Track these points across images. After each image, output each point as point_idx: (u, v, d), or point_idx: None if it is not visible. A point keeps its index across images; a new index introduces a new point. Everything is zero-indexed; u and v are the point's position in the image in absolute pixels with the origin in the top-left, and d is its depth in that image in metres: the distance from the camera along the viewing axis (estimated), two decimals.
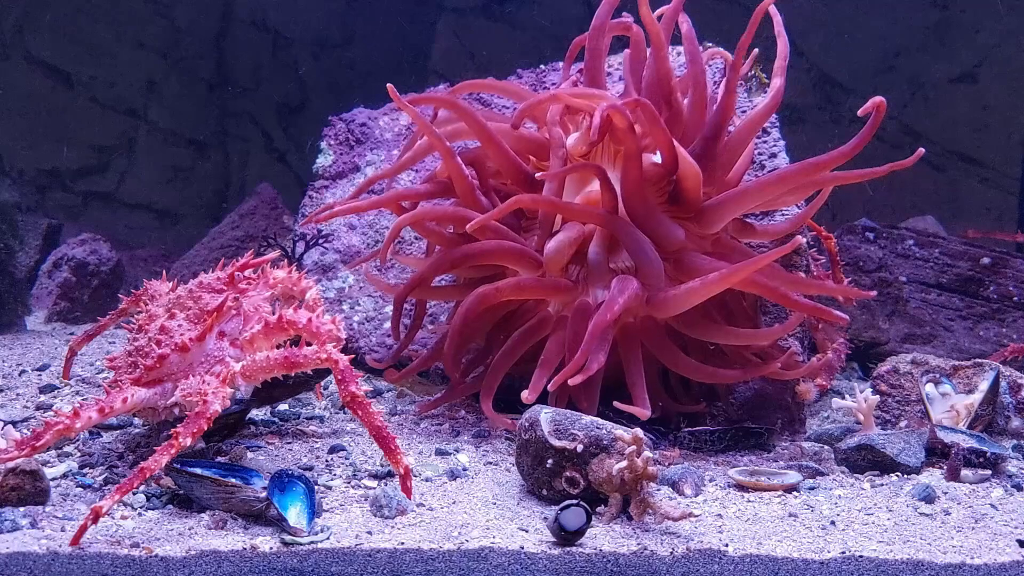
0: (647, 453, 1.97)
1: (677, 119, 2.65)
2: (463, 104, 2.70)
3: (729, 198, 2.56)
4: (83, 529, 1.73)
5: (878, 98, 2.39)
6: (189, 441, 1.85)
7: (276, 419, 2.66)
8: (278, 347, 2.12)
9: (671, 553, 1.82)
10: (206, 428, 1.90)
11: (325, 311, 2.20)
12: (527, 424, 2.13)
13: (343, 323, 2.14)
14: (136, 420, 2.47)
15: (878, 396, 2.87)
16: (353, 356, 2.11)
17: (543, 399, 2.47)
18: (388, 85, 2.58)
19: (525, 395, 2.39)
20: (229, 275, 2.25)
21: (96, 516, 1.73)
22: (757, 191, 2.56)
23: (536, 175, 2.64)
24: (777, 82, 2.58)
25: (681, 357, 2.59)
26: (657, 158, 2.62)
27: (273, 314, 2.19)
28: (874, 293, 2.59)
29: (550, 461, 2.08)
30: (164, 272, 2.59)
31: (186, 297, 2.20)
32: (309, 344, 2.07)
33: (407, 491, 1.97)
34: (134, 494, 2.03)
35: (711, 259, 2.56)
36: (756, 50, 2.89)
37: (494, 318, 2.78)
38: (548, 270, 2.66)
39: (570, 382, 2.36)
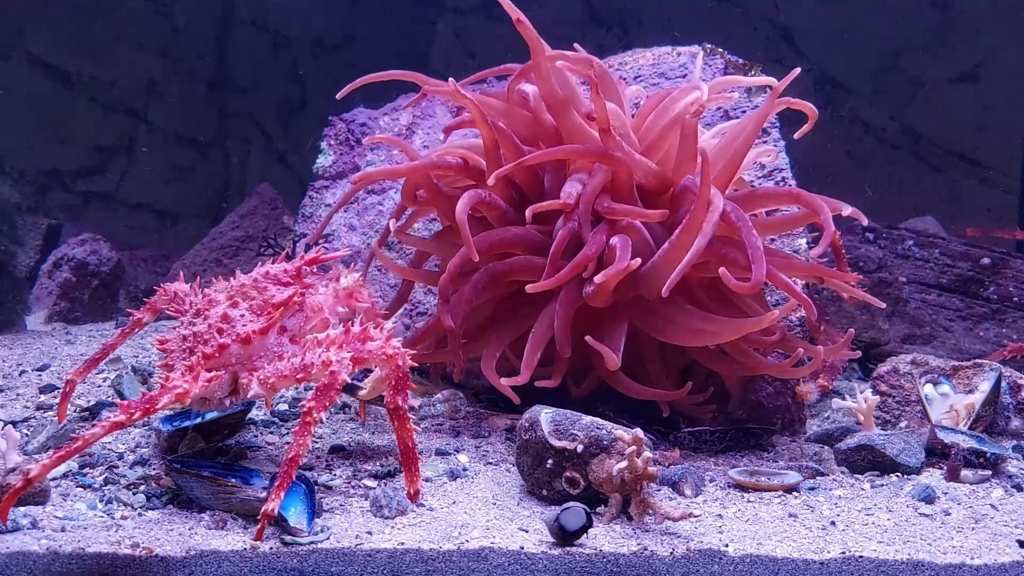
0: (647, 453, 1.97)
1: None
2: (471, 97, 2.71)
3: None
4: (261, 531, 1.80)
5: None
6: (323, 416, 1.88)
7: (276, 419, 2.66)
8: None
9: (671, 553, 1.82)
10: (336, 399, 1.93)
11: (391, 335, 2.09)
12: (527, 424, 2.13)
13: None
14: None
15: (878, 396, 2.87)
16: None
17: (548, 398, 2.47)
18: (450, 80, 2.75)
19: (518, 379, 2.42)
20: (297, 268, 2.18)
21: (268, 517, 1.79)
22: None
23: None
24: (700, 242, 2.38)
25: (668, 324, 2.54)
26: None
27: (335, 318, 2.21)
28: (883, 305, 2.57)
29: (550, 461, 2.08)
30: (181, 274, 2.49)
31: (250, 286, 2.13)
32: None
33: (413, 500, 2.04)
34: (134, 494, 2.04)
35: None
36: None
37: (503, 292, 2.76)
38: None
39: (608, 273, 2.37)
